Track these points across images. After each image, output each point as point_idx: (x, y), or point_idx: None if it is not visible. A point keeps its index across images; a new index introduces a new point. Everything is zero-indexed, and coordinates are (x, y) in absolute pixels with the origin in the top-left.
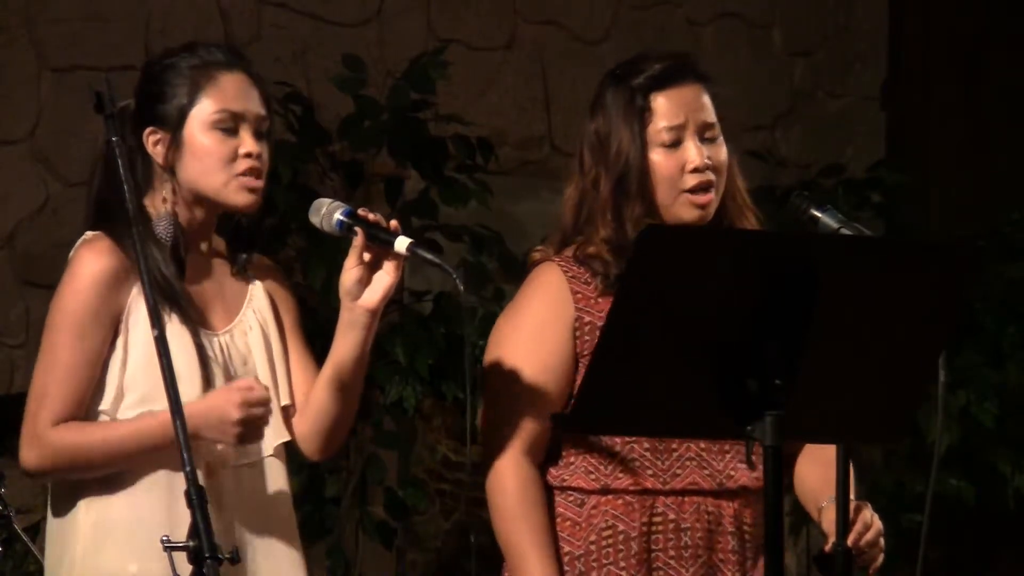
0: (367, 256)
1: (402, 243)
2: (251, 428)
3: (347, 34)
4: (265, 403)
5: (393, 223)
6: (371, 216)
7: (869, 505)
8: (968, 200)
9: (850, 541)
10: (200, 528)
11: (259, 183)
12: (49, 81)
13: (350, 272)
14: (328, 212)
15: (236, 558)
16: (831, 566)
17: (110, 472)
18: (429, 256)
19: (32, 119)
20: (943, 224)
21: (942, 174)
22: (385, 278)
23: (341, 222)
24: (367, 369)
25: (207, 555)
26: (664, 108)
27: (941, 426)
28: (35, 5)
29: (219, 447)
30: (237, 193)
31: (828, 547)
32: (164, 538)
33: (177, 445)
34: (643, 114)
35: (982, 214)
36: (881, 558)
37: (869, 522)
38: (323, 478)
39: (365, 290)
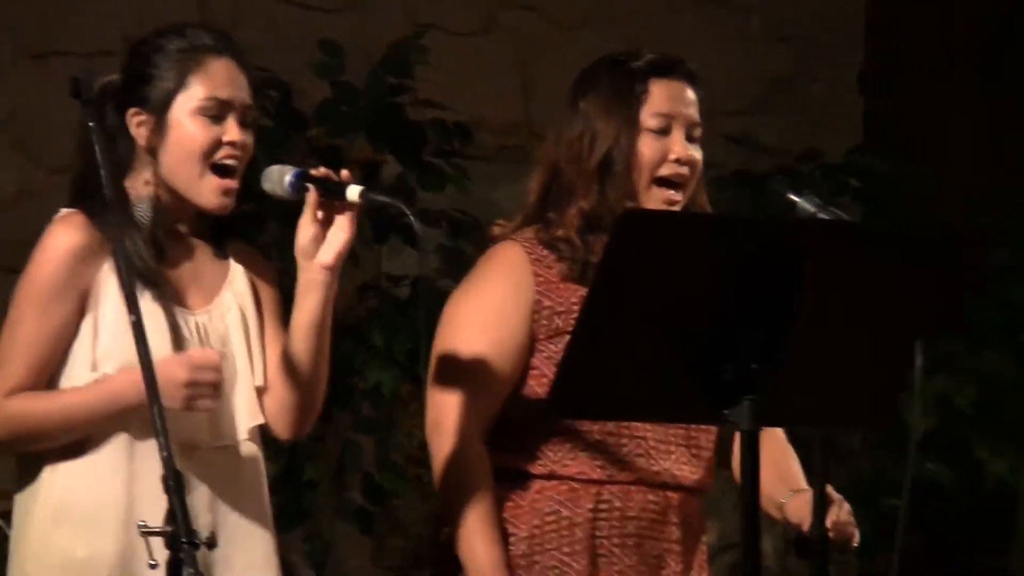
0: (320, 214)
1: (354, 191)
2: (199, 392)
3: (325, 19)
4: (215, 368)
5: (344, 173)
6: (321, 171)
7: (831, 487)
8: (947, 185)
9: (829, 522)
10: (177, 513)
11: (234, 184)
12: (26, 67)
13: (304, 230)
14: (279, 176)
15: (213, 543)
16: (809, 549)
17: (67, 440)
18: (383, 198)
19: (9, 105)
20: (924, 209)
21: (920, 159)
22: (340, 234)
23: (293, 183)
24: (331, 340)
25: (184, 540)
26: (660, 95)
27: (918, 411)
28: None
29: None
30: (211, 194)
31: (806, 530)
32: (141, 523)
33: (154, 431)
34: (639, 96)
35: (962, 199)
36: (857, 535)
37: (840, 501)
38: (301, 463)
39: (321, 248)
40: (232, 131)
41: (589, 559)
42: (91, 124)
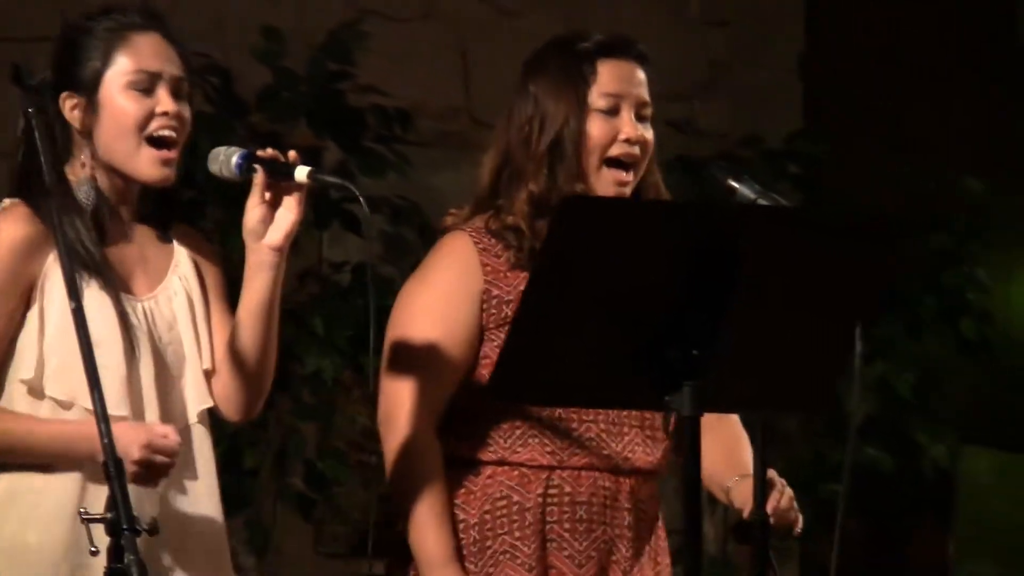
0: (268, 195)
1: (302, 172)
2: (149, 472)
3: (266, 5)
4: (172, 454)
5: (291, 154)
6: (268, 152)
7: (774, 472)
8: (887, 171)
9: (770, 507)
10: (118, 500)
11: (172, 155)
12: None
13: (252, 212)
14: (226, 157)
15: (155, 529)
16: (749, 535)
17: (4, 460)
18: (331, 179)
19: None
20: (863, 194)
21: (860, 145)
22: (288, 215)
23: (240, 164)
24: (279, 326)
25: (125, 527)
26: (608, 75)
27: (858, 396)
28: None
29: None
30: (149, 166)
31: (747, 515)
32: (82, 510)
33: (95, 416)
34: (588, 77)
35: (901, 184)
36: (800, 520)
37: (783, 487)
38: (242, 449)
39: (269, 229)
40: (164, 102)
41: (539, 544)
42: (31, 109)
